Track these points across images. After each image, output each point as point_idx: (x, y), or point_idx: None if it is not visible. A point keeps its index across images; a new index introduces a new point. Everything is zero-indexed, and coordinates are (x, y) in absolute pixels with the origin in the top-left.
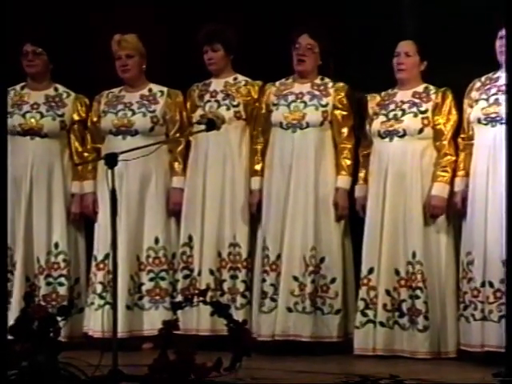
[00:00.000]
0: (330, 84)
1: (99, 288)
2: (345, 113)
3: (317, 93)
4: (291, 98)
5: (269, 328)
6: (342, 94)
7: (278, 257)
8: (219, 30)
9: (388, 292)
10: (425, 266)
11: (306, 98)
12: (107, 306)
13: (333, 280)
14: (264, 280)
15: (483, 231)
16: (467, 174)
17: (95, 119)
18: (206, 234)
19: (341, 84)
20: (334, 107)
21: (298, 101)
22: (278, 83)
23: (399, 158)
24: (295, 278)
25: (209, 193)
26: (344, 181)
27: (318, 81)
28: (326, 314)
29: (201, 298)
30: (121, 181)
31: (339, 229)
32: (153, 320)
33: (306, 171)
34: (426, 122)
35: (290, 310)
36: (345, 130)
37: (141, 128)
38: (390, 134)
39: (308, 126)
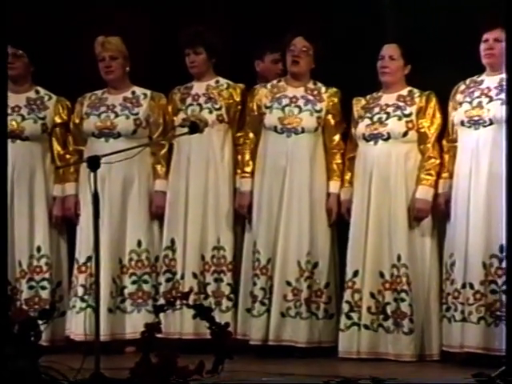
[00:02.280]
0: (323, 89)
1: (81, 291)
2: (337, 119)
3: (311, 97)
4: (285, 101)
5: (258, 332)
6: (335, 99)
7: (269, 261)
8: (201, 32)
9: (372, 295)
10: (410, 268)
11: (301, 102)
12: (89, 309)
13: (327, 285)
14: (254, 284)
15: (465, 233)
16: (451, 176)
17: (77, 121)
18: (189, 238)
19: (334, 89)
20: (327, 113)
21: (293, 105)
22: (269, 85)
23: (384, 161)
24: (288, 283)
25: (192, 196)
26: (336, 186)
27: (310, 85)
28: (320, 318)
29: (183, 301)
30: (103, 183)
31: (331, 233)
32: (135, 323)
33: (300, 176)
34: (410, 125)
35: (283, 314)
36: (336, 136)
37: (123, 130)
38: (374, 138)
39: (303, 131)
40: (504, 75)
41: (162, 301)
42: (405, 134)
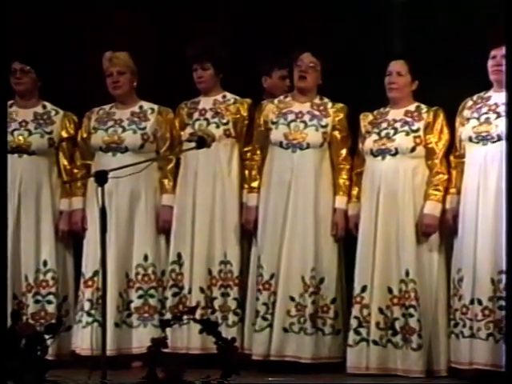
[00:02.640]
0: (330, 104)
1: (87, 305)
2: (344, 134)
3: (317, 113)
4: (291, 117)
5: (260, 347)
6: (342, 115)
7: (272, 276)
8: (209, 48)
9: (381, 310)
10: (418, 284)
11: (306, 117)
12: (95, 324)
13: (333, 300)
14: (257, 298)
15: (473, 248)
16: (459, 192)
17: (85, 135)
18: (196, 252)
19: (340, 105)
20: (334, 128)
21: (298, 120)
22: (276, 101)
23: (391, 176)
24: (292, 299)
25: (199, 210)
26: (342, 201)
27: (317, 100)
28: (327, 334)
29: (190, 316)
30: (110, 198)
31: (337, 249)
32: (141, 337)
33: (305, 191)
34: (418, 140)
35: (285, 330)
36: (343, 151)
37: (131, 145)
38: (382, 153)
39: (308, 146)
40: None
41: (168, 315)
42: (413, 150)
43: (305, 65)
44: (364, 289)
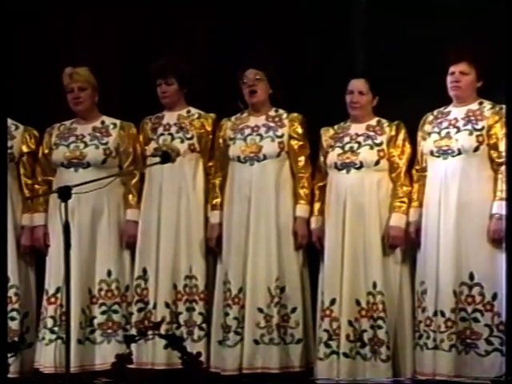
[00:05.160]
0: (285, 115)
1: (50, 322)
2: (301, 142)
3: (272, 124)
4: (247, 131)
5: (235, 362)
6: (297, 123)
7: (240, 290)
8: (173, 63)
9: (350, 322)
10: (385, 295)
11: (262, 130)
12: (59, 341)
13: (293, 309)
14: (227, 314)
15: (435, 261)
16: (421, 205)
17: (46, 151)
18: (161, 267)
19: (295, 114)
20: (290, 137)
21: (254, 134)
22: (233, 118)
23: (357, 189)
24: (260, 310)
25: (164, 225)
26: (303, 209)
27: (272, 112)
28: (287, 343)
29: (155, 331)
30: (72, 214)
31: (298, 258)
32: (105, 354)
33: (266, 202)
34: (381, 154)
35: (256, 342)
36: (301, 160)
37: (93, 160)
38: (346, 166)
39: (265, 158)
40: (470, 106)
41: (133, 331)
42: (377, 163)
43: (251, 80)
44: (333, 302)
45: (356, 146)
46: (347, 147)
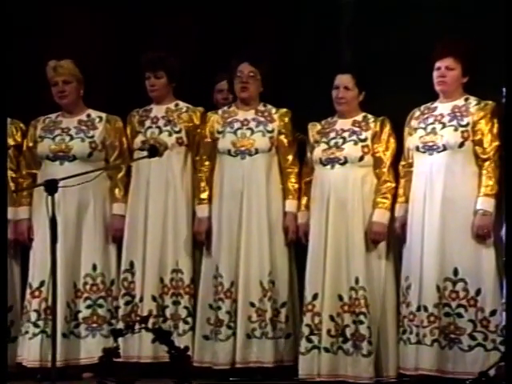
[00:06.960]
0: (274, 110)
1: (34, 316)
2: (290, 138)
3: (262, 119)
4: (237, 125)
5: (227, 356)
6: (286, 119)
7: (232, 284)
8: (162, 57)
9: (332, 318)
10: (368, 291)
11: (252, 124)
12: (43, 335)
13: (283, 304)
14: (219, 308)
15: (420, 256)
16: (407, 201)
17: (31, 144)
18: (148, 260)
19: (284, 110)
20: (280, 133)
21: (244, 127)
22: (220, 111)
23: (341, 185)
24: (252, 304)
25: (151, 219)
26: (292, 205)
27: (261, 107)
28: (277, 338)
29: (142, 325)
30: (58, 207)
31: (288, 253)
32: (90, 348)
33: (258, 197)
34: (366, 149)
35: (248, 336)
36: (290, 155)
37: (79, 153)
38: (331, 162)
39: (257, 152)
40: (456, 102)
41: (120, 324)
42: (361, 159)
43: (245, 75)
44: (315, 297)
45: (341, 141)
46: (332, 143)
